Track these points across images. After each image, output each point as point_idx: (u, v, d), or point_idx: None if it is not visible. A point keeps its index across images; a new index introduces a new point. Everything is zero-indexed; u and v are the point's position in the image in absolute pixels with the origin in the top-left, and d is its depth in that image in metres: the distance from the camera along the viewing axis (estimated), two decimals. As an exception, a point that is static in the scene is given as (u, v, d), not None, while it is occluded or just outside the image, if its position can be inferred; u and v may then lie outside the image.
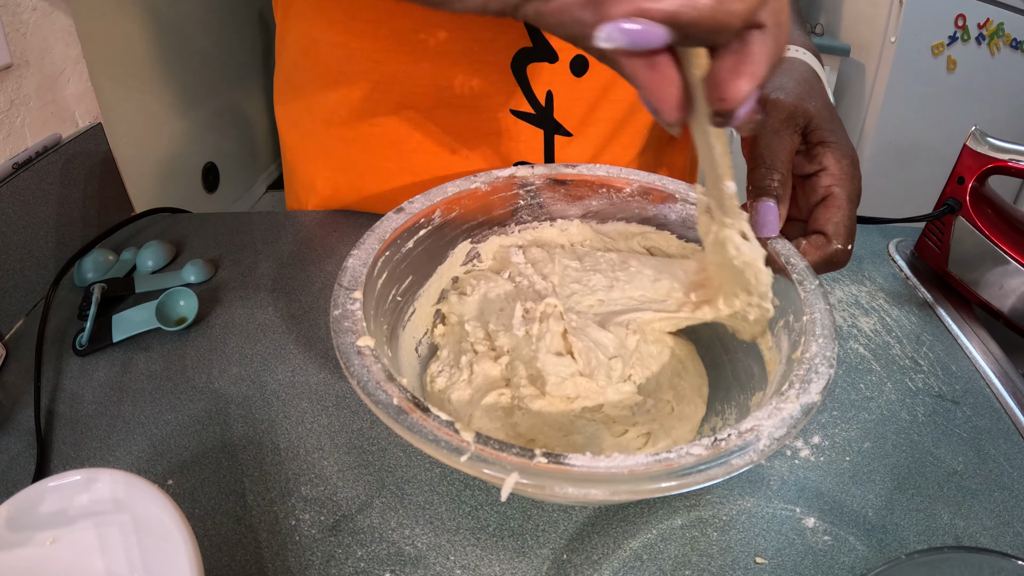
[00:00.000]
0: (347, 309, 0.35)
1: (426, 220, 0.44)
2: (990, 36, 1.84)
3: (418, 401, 0.30)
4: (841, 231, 0.41)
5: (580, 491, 0.26)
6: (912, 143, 2.01)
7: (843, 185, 0.42)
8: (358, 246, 0.40)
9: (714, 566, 0.36)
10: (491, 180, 0.47)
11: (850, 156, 0.42)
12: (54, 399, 0.46)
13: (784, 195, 0.41)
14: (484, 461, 0.27)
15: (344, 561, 0.36)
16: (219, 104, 1.92)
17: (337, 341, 0.33)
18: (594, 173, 0.48)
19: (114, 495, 0.31)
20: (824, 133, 0.42)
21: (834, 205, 0.41)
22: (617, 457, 0.27)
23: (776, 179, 0.41)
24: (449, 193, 0.45)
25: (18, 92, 0.55)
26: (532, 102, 0.57)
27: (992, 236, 0.53)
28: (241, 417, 0.44)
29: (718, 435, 0.28)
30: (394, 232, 0.42)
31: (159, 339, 0.51)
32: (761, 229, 0.41)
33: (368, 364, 0.32)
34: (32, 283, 0.55)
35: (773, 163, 0.41)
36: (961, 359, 0.51)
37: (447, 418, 0.29)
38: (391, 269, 0.41)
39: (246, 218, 0.67)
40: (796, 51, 0.48)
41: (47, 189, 0.57)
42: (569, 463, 0.27)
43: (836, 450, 0.43)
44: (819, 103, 0.43)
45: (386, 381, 0.31)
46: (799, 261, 0.40)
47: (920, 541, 0.37)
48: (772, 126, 0.42)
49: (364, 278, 0.37)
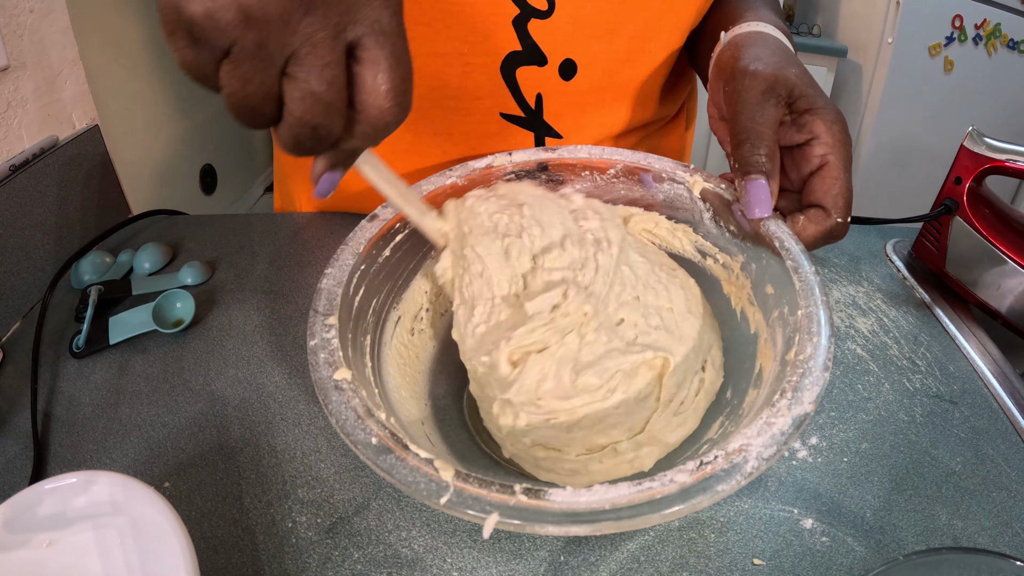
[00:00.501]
0: (323, 339, 0.34)
1: (402, 224, 0.43)
2: (987, 37, 1.84)
3: (398, 438, 0.29)
4: (840, 202, 0.39)
5: (561, 529, 0.26)
6: (909, 144, 2.01)
7: (837, 153, 0.39)
8: (332, 263, 0.38)
9: (712, 568, 0.36)
10: (467, 173, 0.45)
11: (840, 121, 0.40)
12: (51, 401, 0.45)
13: (774, 170, 0.39)
14: (464, 499, 0.27)
15: (341, 563, 0.35)
16: (217, 106, 1.92)
17: (314, 375, 0.32)
18: (575, 155, 0.46)
19: (111, 497, 0.31)
20: (811, 99, 0.40)
21: (830, 175, 0.39)
22: (598, 490, 0.27)
23: (763, 153, 0.39)
24: (424, 191, 0.44)
25: (15, 94, 0.55)
26: (522, 105, 0.57)
27: (989, 236, 0.53)
28: (238, 419, 0.44)
29: (703, 458, 0.28)
30: (369, 242, 0.40)
31: (156, 341, 0.51)
32: (753, 209, 0.39)
33: (347, 399, 0.31)
34: (29, 285, 0.55)
35: (758, 137, 0.39)
36: (959, 359, 0.51)
37: (426, 455, 0.29)
38: (368, 282, 0.40)
39: (243, 220, 0.67)
40: (765, 27, 0.46)
41: (44, 191, 0.57)
42: (550, 499, 0.27)
43: (834, 451, 0.43)
44: (798, 70, 0.41)
45: (366, 417, 0.30)
46: (793, 245, 0.38)
47: (918, 542, 0.37)
48: (753, 98, 0.40)
49: (340, 299, 0.36)
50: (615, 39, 0.54)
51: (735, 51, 0.44)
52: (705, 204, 0.45)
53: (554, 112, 0.57)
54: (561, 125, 0.58)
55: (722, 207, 0.44)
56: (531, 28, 0.52)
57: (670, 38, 0.55)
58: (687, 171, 0.45)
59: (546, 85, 0.56)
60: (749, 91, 0.40)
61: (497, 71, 0.55)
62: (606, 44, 0.54)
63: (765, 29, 0.46)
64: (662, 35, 0.55)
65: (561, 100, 0.57)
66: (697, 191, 0.44)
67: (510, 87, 0.56)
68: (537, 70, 0.55)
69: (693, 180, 0.44)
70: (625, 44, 0.54)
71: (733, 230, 0.43)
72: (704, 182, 0.44)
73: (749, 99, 0.40)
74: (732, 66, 0.43)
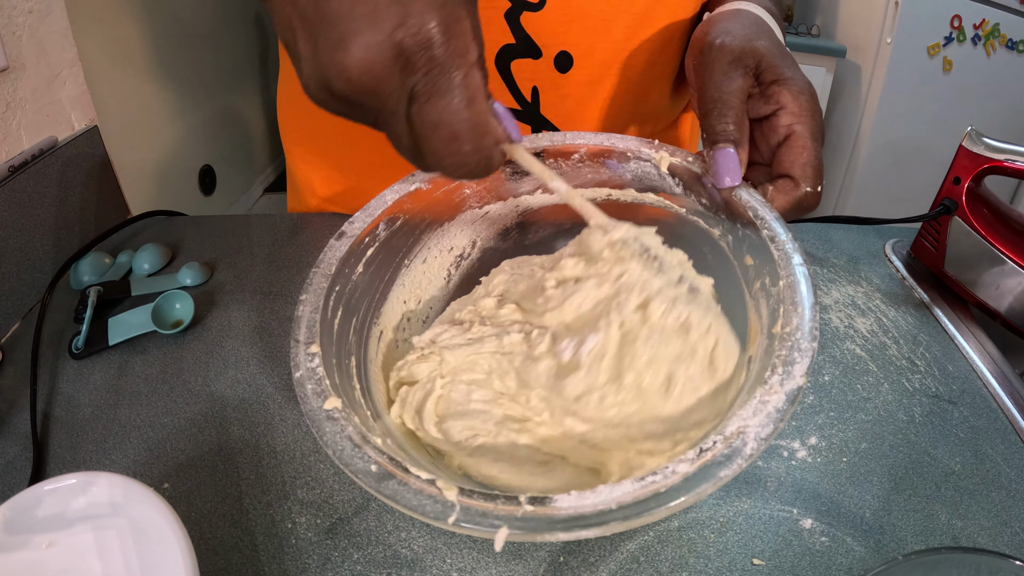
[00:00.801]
0: (308, 368, 0.34)
1: (371, 238, 0.42)
2: (986, 37, 1.84)
3: (397, 462, 0.29)
4: (809, 172, 0.39)
5: (571, 535, 0.26)
6: (908, 144, 2.01)
7: (804, 122, 0.39)
8: (306, 288, 0.38)
9: (711, 568, 0.36)
10: (431, 176, 0.44)
11: (807, 91, 0.40)
12: (50, 402, 0.45)
13: (742, 138, 0.39)
14: (471, 515, 0.27)
15: (341, 564, 0.35)
16: (216, 107, 1.92)
17: (304, 407, 0.32)
18: (537, 144, 0.45)
19: (110, 498, 0.31)
20: (778, 70, 0.40)
21: (798, 145, 0.39)
22: (602, 491, 0.27)
23: (730, 122, 0.39)
24: (389, 201, 0.43)
25: (14, 94, 0.55)
26: (518, 99, 0.57)
27: (988, 236, 0.53)
28: (237, 420, 0.44)
29: (702, 444, 0.28)
30: (339, 261, 0.39)
31: (155, 342, 0.51)
32: (723, 178, 0.39)
33: (340, 428, 0.31)
34: (28, 286, 0.55)
35: (725, 106, 0.39)
36: (958, 359, 0.51)
37: (428, 476, 0.28)
38: (345, 303, 0.39)
39: (242, 221, 0.67)
40: (748, 5, 0.46)
41: (43, 192, 0.57)
42: (556, 505, 0.27)
43: (833, 451, 0.43)
44: (768, 42, 0.41)
45: (362, 443, 0.30)
46: (768, 213, 0.37)
47: (917, 542, 0.37)
48: (720, 69, 0.40)
49: (319, 325, 0.36)
50: (612, 29, 0.53)
51: (707, 27, 0.45)
52: (675, 179, 0.43)
53: (552, 105, 0.57)
54: (560, 119, 0.58)
55: (692, 180, 0.43)
56: (524, 20, 0.52)
57: (669, 26, 0.55)
58: (652, 147, 0.44)
59: (542, 78, 0.56)
60: (716, 63, 0.40)
61: (491, 64, 0.55)
62: (602, 35, 0.54)
63: (744, 6, 0.46)
64: (659, 23, 0.54)
65: (558, 93, 0.56)
66: (664, 167, 0.43)
67: (506, 80, 0.56)
68: (532, 63, 0.55)
69: (660, 156, 0.43)
70: (622, 34, 0.54)
71: (705, 203, 0.42)
72: (671, 157, 0.43)
73: (716, 70, 0.40)
74: (701, 41, 0.43)
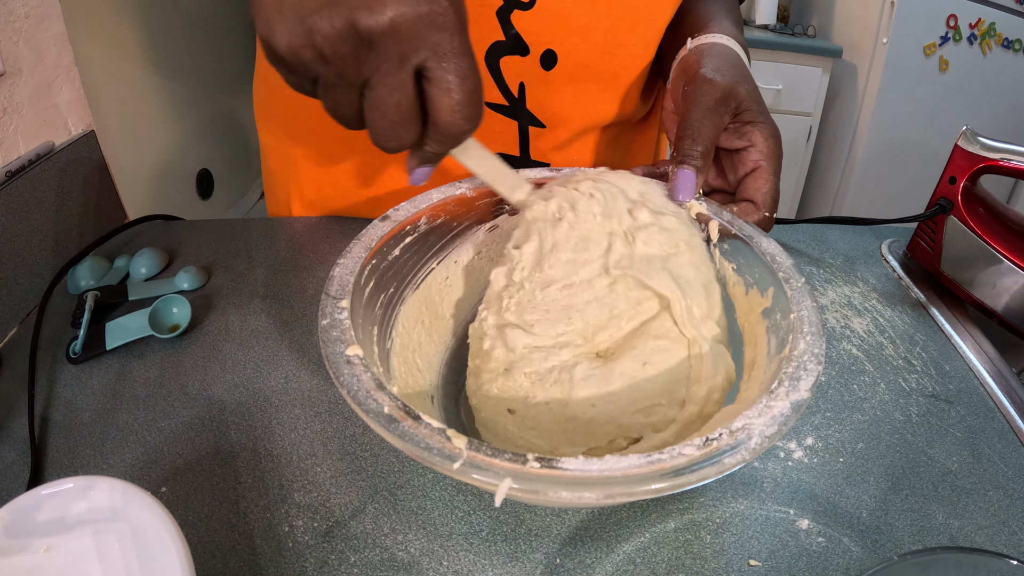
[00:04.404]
0: (335, 319, 0.35)
1: (412, 227, 0.44)
2: (982, 36, 1.85)
3: (409, 409, 0.30)
4: (768, 200, 0.46)
5: (574, 495, 0.26)
6: (904, 143, 2.02)
7: (770, 160, 0.46)
8: (344, 255, 0.40)
9: (708, 569, 0.36)
10: (475, 185, 0.47)
11: (775, 135, 0.47)
12: (48, 407, 0.45)
13: (704, 167, 0.45)
14: (477, 467, 0.27)
15: (337, 567, 0.35)
16: (213, 111, 1.92)
17: (326, 351, 0.33)
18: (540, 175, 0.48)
19: (108, 503, 0.31)
20: (754, 114, 0.47)
21: (762, 177, 0.46)
22: (609, 459, 0.27)
23: (699, 151, 0.44)
24: (434, 199, 0.45)
25: (11, 100, 0.55)
26: (506, 94, 0.59)
27: (984, 235, 0.53)
28: (235, 424, 0.44)
29: (709, 435, 0.28)
30: (380, 240, 0.41)
31: (153, 346, 0.51)
32: (677, 193, 0.44)
33: (358, 373, 0.32)
34: (25, 291, 0.55)
35: (701, 136, 0.45)
36: (955, 359, 0.51)
37: (439, 425, 0.29)
38: (378, 277, 0.41)
39: (239, 225, 0.67)
40: (727, 40, 0.51)
41: (40, 197, 0.57)
42: (562, 467, 0.27)
43: (830, 451, 0.43)
44: (750, 87, 0.47)
45: (376, 390, 0.31)
46: (785, 260, 0.40)
47: (915, 541, 0.37)
48: (707, 103, 0.45)
49: (351, 287, 0.37)
50: (592, 32, 0.56)
51: (699, 57, 0.50)
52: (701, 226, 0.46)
53: (537, 101, 0.60)
54: (544, 115, 0.61)
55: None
56: (514, 19, 0.55)
57: (645, 32, 0.58)
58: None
59: (528, 74, 0.58)
60: (705, 96, 0.46)
61: (482, 60, 0.56)
62: (583, 37, 0.56)
63: (727, 42, 0.51)
64: (637, 29, 0.58)
65: (542, 89, 0.59)
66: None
67: (494, 76, 0.58)
68: (520, 60, 0.57)
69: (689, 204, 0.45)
70: (602, 36, 0.57)
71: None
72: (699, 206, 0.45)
73: (703, 103, 0.45)
74: (695, 70, 0.48)
